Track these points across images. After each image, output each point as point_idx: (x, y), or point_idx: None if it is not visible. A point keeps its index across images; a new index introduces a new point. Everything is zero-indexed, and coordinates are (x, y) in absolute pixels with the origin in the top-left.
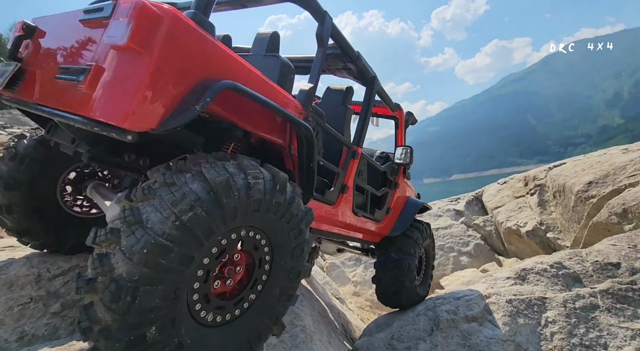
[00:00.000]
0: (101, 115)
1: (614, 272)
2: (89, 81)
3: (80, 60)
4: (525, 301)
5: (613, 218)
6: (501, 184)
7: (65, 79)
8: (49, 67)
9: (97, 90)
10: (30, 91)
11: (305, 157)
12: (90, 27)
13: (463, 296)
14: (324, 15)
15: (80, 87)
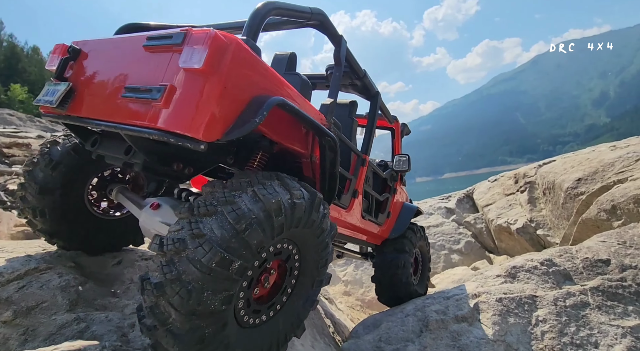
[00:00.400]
0: (178, 128)
1: (604, 269)
2: (165, 99)
3: (150, 80)
4: (515, 299)
5: (602, 215)
6: (492, 181)
7: (135, 97)
8: (108, 86)
9: (173, 106)
10: (84, 108)
11: (329, 165)
12: (155, 52)
13: (453, 296)
14: (340, 39)
15: (155, 104)
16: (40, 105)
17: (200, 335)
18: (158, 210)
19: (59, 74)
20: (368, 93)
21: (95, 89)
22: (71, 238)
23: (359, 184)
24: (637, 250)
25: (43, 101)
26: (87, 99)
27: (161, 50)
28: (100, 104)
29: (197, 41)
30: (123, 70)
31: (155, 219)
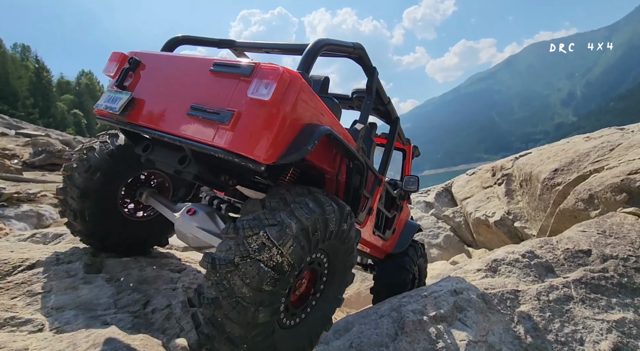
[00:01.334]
0: (243, 150)
1: (585, 259)
2: (232, 123)
3: (215, 103)
4: (497, 295)
5: (579, 204)
6: (470, 175)
7: (202, 117)
8: (172, 101)
9: (240, 131)
10: (144, 117)
11: (354, 186)
12: (222, 77)
13: (431, 293)
14: (373, 71)
15: (223, 126)
16: (101, 110)
17: (255, 342)
18: (194, 216)
19: (119, 82)
20: (389, 118)
21: (157, 102)
22: (106, 239)
23: (374, 202)
24: (616, 239)
25: (104, 106)
26: (148, 109)
27: (228, 77)
28: (162, 117)
29: (266, 75)
30: (187, 88)
31: (192, 224)
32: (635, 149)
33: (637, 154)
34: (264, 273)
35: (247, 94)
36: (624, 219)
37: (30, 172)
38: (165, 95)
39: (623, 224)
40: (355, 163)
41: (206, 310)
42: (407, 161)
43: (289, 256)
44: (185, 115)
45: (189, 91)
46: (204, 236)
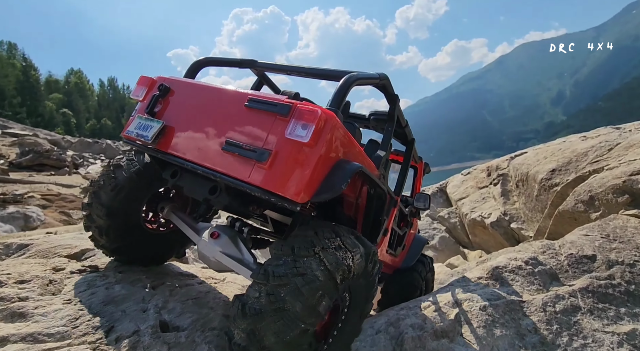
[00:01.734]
0: (280, 190)
1: (590, 265)
2: (270, 162)
3: (251, 139)
4: (501, 306)
5: (579, 206)
6: (465, 175)
7: (238, 153)
8: (205, 133)
9: (277, 170)
10: (176, 146)
11: (374, 211)
12: (258, 114)
13: (430, 305)
14: (395, 99)
15: (260, 165)
16: (131, 136)
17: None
18: (218, 240)
19: (150, 109)
20: (405, 139)
21: (190, 132)
22: (129, 253)
23: (389, 223)
24: (621, 244)
25: (136, 134)
26: (181, 139)
27: (263, 114)
28: (196, 148)
29: (304, 117)
30: (221, 121)
31: (215, 248)
32: (635, 149)
33: (638, 154)
34: (294, 326)
35: (285, 134)
36: (627, 222)
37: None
38: (199, 126)
39: (626, 227)
40: (377, 190)
41: (247, 320)
42: (418, 177)
43: (318, 306)
44: (220, 149)
45: (223, 123)
46: (227, 262)
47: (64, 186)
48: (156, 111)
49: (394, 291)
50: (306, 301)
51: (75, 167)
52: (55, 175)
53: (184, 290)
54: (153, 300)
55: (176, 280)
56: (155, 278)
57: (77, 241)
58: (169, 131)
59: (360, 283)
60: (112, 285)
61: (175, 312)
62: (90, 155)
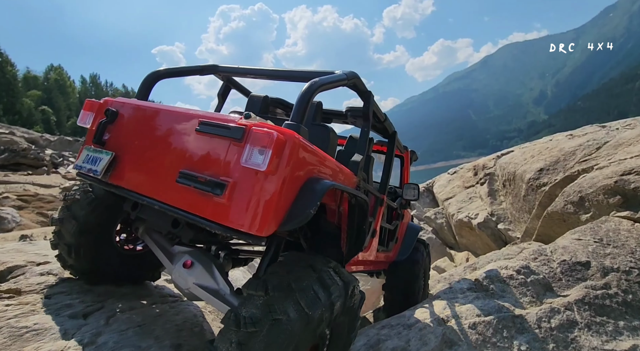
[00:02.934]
0: (242, 226)
1: (584, 273)
2: (227, 196)
3: (206, 168)
4: (492, 324)
5: (569, 207)
6: (451, 174)
7: (193, 186)
8: (158, 164)
9: (235, 204)
10: (129, 180)
11: (357, 220)
12: (211, 139)
13: (415, 323)
14: (369, 95)
15: (217, 199)
16: (82, 172)
17: None
18: (191, 269)
19: (97, 138)
20: (386, 133)
21: (142, 163)
22: (99, 275)
23: (377, 223)
24: (615, 249)
25: (86, 169)
26: (134, 171)
27: (216, 139)
28: (150, 181)
29: (259, 142)
30: (174, 148)
31: (189, 279)
32: (624, 147)
33: (628, 153)
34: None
35: (241, 162)
36: (619, 224)
37: None
38: (151, 155)
39: (619, 230)
40: (357, 199)
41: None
42: (405, 167)
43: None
44: (174, 182)
45: (175, 151)
46: (201, 294)
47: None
48: (105, 140)
49: (397, 286)
50: (283, 346)
51: (55, 167)
52: (32, 175)
53: (126, 316)
54: (79, 332)
55: (121, 302)
56: (94, 302)
57: (8, 256)
58: (121, 163)
59: (341, 320)
60: (28, 315)
61: (106, 349)
62: (71, 154)
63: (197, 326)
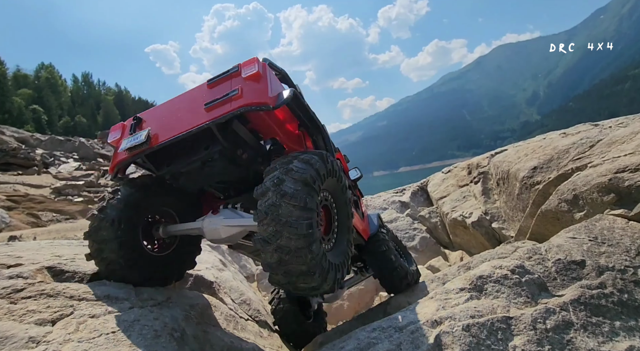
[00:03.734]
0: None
1: (579, 272)
2: (240, 92)
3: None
4: (486, 325)
5: (563, 206)
6: (445, 173)
7: (217, 102)
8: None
9: (247, 94)
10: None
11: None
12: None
13: (407, 325)
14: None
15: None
16: (125, 151)
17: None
18: (219, 214)
19: (132, 130)
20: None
21: (173, 121)
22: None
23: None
24: (610, 247)
25: (131, 144)
26: (168, 128)
27: (223, 81)
28: (182, 124)
29: (248, 63)
30: (195, 101)
31: (220, 219)
32: (618, 145)
33: (622, 151)
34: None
35: (242, 76)
36: (614, 222)
37: None
38: (178, 115)
39: (614, 228)
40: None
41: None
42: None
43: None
44: (203, 110)
45: (196, 102)
46: (238, 222)
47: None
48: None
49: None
50: (298, 204)
51: (45, 167)
52: (22, 175)
53: (99, 321)
54: (44, 341)
55: (94, 307)
56: (63, 306)
57: None
58: (156, 132)
59: (333, 185)
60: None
61: None
62: (62, 153)
63: (178, 331)
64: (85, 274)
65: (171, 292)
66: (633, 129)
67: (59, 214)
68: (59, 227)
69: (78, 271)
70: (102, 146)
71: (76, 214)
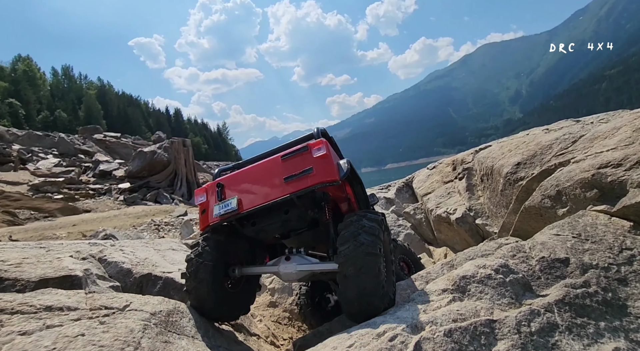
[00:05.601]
0: (327, 179)
1: (564, 270)
2: (315, 171)
3: (295, 170)
4: (469, 330)
5: (546, 202)
6: (430, 169)
7: (295, 178)
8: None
9: (319, 172)
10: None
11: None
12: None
13: (385, 332)
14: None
15: (310, 175)
16: (219, 216)
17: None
18: (291, 261)
19: (220, 197)
20: None
21: (255, 191)
22: (220, 309)
23: None
24: (594, 244)
25: (223, 213)
26: (254, 197)
27: (294, 157)
28: (266, 194)
29: (316, 145)
30: (273, 173)
31: (293, 265)
32: (600, 141)
33: (604, 146)
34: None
35: (312, 155)
36: (596, 218)
37: None
38: (261, 185)
39: (597, 225)
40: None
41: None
42: None
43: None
44: (283, 183)
45: (275, 175)
46: (309, 268)
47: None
48: (224, 197)
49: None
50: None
51: (22, 163)
52: None
53: (30, 340)
54: None
55: (28, 321)
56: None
57: None
58: (243, 198)
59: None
60: None
61: None
62: (41, 149)
63: (131, 344)
64: (29, 281)
65: (132, 298)
66: (615, 125)
67: (37, 212)
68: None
69: (21, 278)
70: (84, 141)
71: (55, 212)
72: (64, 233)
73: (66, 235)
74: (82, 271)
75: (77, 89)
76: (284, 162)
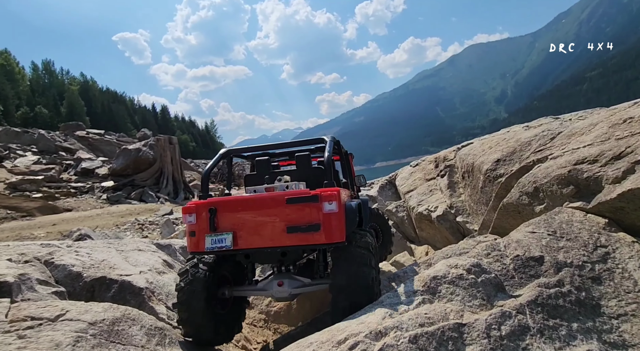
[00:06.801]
0: (334, 240)
1: (537, 269)
2: (323, 230)
3: (301, 221)
4: (436, 335)
5: (524, 199)
6: (413, 166)
7: (300, 231)
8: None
9: (327, 231)
10: (249, 242)
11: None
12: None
13: (346, 339)
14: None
15: (317, 233)
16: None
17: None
18: (284, 285)
19: (212, 227)
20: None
21: (254, 231)
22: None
23: None
24: (568, 241)
25: (217, 249)
26: (251, 236)
27: (300, 203)
28: (265, 237)
29: (329, 198)
30: (274, 215)
31: (286, 289)
32: (577, 137)
33: (581, 142)
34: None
35: (323, 211)
36: (572, 215)
37: None
38: (259, 225)
39: (572, 222)
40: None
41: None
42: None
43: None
44: (285, 232)
45: (276, 217)
46: (302, 290)
47: None
48: (217, 226)
49: None
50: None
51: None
52: None
53: None
54: None
55: None
56: None
57: None
58: (240, 235)
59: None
60: None
61: None
62: (19, 146)
63: None
64: None
65: (71, 306)
66: (592, 121)
67: (15, 212)
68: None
69: None
70: (65, 138)
71: (34, 211)
72: (43, 233)
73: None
74: (16, 276)
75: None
76: (289, 206)
